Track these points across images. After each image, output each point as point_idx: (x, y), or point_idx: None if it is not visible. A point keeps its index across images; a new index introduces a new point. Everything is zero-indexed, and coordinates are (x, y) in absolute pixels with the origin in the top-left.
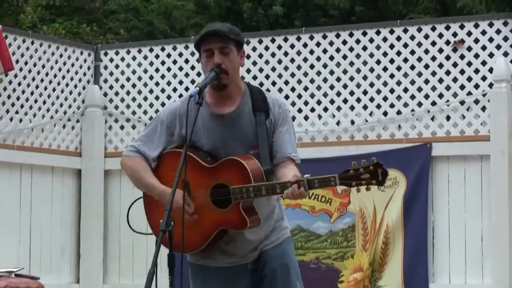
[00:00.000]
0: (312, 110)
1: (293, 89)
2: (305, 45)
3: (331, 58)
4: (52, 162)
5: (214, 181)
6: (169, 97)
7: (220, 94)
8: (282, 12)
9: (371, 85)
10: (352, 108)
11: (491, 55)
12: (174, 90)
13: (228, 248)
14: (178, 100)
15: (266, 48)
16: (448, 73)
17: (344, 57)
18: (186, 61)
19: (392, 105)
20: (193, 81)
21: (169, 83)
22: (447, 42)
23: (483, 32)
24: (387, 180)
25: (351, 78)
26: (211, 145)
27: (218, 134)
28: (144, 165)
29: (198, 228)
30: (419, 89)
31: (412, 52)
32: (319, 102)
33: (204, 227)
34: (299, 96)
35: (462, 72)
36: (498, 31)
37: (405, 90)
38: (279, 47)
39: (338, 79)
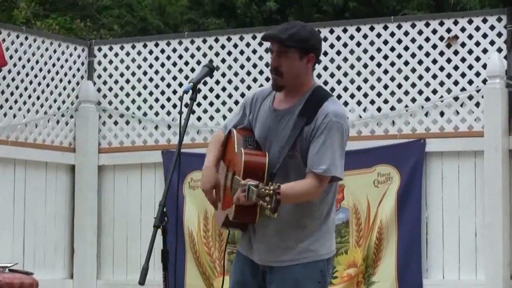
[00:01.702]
0: None
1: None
2: None
3: (325, 54)
4: (46, 158)
5: (234, 167)
6: (162, 92)
7: (284, 92)
8: (276, 8)
9: (365, 81)
10: (345, 104)
11: (485, 51)
12: (168, 85)
13: (252, 239)
14: (266, 86)
15: (260, 44)
16: (442, 69)
17: (338, 53)
18: (180, 56)
19: (386, 101)
20: (187, 77)
21: (163, 79)
22: (441, 38)
23: (477, 28)
24: (381, 176)
25: (345, 74)
26: (257, 135)
27: (265, 127)
28: (219, 138)
29: (223, 207)
30: (413, 85)
31: (406, 48)
32: None
33: (225, 208)
34: None
35: (456, 68)
36: (492, 27)
37: (399, 86)
38: None
39: (332, 75)
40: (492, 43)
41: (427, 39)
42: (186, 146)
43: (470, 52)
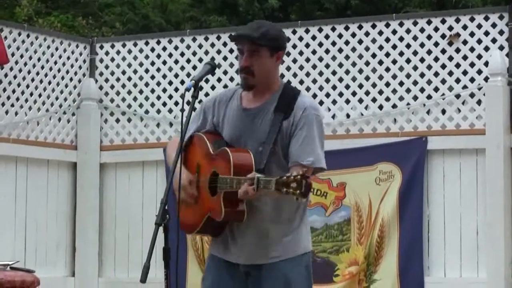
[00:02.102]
0: None
1: (288, 83)
2: (300, 39)
3: (327, 51)
4: (47, 156)
5: (213, 168)
6: (164, 90)
7: (252, 92)
8: (278, 5)
9: (367, 78)
10: (347, 101)
11: (486, 48)
12: (170, 83)
13: (230, 241)
14: (226, 89)
15: None
16: (443, 66)
17: (340, 50)
18: (182, 54)
19: (387, 99)
20: (188, 74)
21: (164, 76)
22: (443, 36)
23: (479, 26)
24: (383, 174)
25: (347, 72)
26: (228, 136)
27: (237, 127)
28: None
29: (196, 211)
30: (415, 83)
31: (408, 46)
32: (314, 96)
33: (200, 211)
34: None
35: (457, 65)
36: (493, 25)
37: (401, 83)
38: None
39: (334, 73)
40: (494, 40)
41: (429, 37)
42: None
43: (472, 49)
